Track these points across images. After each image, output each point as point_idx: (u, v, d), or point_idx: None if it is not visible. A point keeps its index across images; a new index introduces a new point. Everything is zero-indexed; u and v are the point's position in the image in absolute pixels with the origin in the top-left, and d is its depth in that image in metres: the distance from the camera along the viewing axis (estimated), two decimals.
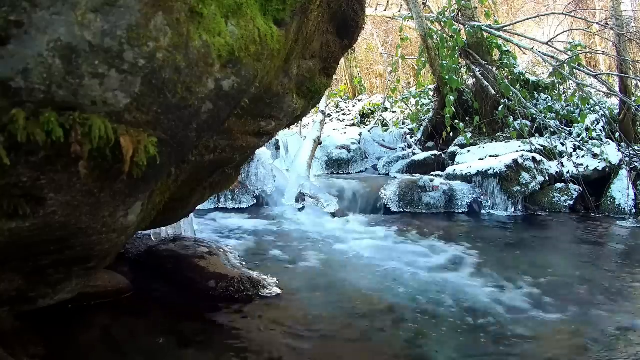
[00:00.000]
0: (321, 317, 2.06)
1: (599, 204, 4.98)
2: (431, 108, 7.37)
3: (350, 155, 6.98)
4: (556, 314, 2.19)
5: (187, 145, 1.08)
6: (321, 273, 2.67)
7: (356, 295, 2.34)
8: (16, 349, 1.48)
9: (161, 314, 2.05)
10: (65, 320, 1.79)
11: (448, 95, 6.00)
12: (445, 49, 6.32)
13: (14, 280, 1.11)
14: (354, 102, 11.43)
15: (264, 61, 1.11)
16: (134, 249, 2.57)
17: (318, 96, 1.83)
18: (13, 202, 0.85)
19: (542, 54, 6.01)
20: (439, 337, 1.91)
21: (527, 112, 5.77)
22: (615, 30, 5.93)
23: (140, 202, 1.14)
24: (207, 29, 0.91)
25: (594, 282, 2.66)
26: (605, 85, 6.19)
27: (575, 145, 5.63)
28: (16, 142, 0.75)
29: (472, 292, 2.42)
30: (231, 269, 2.41)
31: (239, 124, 1.49)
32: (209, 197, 2.12)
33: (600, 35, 8.71)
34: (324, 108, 6.19)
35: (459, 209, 4.77)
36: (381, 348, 1.81)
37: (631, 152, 5.39)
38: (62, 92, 0.77)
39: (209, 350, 1.73)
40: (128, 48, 0.80)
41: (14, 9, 0.71)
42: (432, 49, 6.42)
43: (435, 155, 6.29)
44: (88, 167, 0.86)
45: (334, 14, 1.71)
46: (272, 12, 1.15)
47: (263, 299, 2.19)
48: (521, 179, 4.80)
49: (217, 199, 4.35)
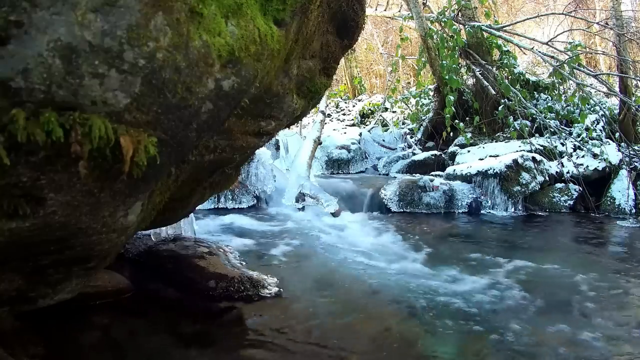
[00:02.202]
0: (321, 317, 2.06)
1: (599, 204, 4.98)
2: (431, 108, 7.37)
3: (350, 155, 6.99)
4: (556, 314, 2.19)
5: (187, 145, 1.09)
6: (321, 273, 2.67)
7: (356, 295, 2.34)
8: (16, 349, 1.48)
9: (161, 314, 2.05)
10: (65, 320, 1.79)
11: (448, 95, 6.00)
12: (445, 49, 6.32)
13: (14, 280, 1.11)
14: (354, 102, 11.43)
15: (264, 61, 1.11)
16: (134, 249, 2.57)
17: (318, 96, 1.83)
18: (13, 202, 0.85)
19: (542, 54, 6.01)
20: (439, 337, 1.91)
21: (527, 112, 5.77)
22: (615, 30, 5.93)
23: (140, 202, 1.14)
24: (207, 29, 0.91)
25: (594, 282, 2.66)
26: (605, 85, 6.19)
27: (575, 145, 5.63)
28: (16, 142, 0.75)
29: (472, 292, 2.42)
30: (231, 269, 2.41)
31: (239, 124, 1.49)
32: (209, 197, 2.12)
33: (600, 35, 8.71)
34: (324, 108, 6.18)
35: (459, 209, 4.78)
36: (382, 348, 1.81)
37: (631, 152, 5.39)
38: (62, 92, 0.77)
39: (209, 350, 1.72)
40: (128, 48, 0.80)
41: (14, 9, 0.71)
42: (432, 49, 6.43)
43: (435, 155, 6.29)
44: (88, 167, 0.86)
45: (334, 14, 1.71)
46: (272, 12, 1.15)
47: (263, 299, 2.19)
48: (521, 179, 4.80)
49: (217, 199, 4.35)
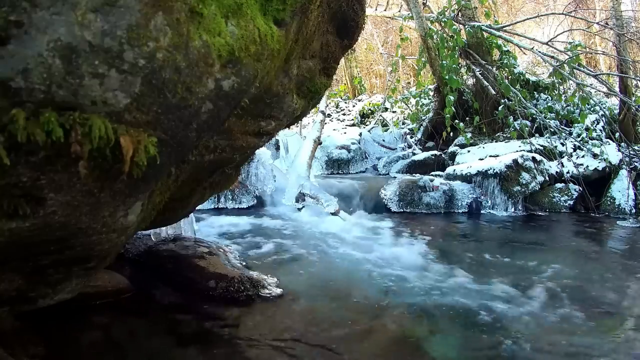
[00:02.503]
0: (321, 316, 2.06)
1: (599, 204, 4.98)
2: (431, 108, 7.37)
3: (350, 155, 6.98)
4: (556, 314, 2.19)
5: (187, 145, 1.09)
6: (321, 273, 2.67)
7: (357, 294, 2.34)
8: (16, 349, 1.48)
9: (161, 314, 2.05)
10: (65, 320, 1.79)
11: (448, 95, 6.00)
12: (445, 49, 6.32)
13: (14, 280, 1.11)
14: (354, 102, 11.44)
15: (264, 61, 1.11)
16: (134, 249, 2.57)
17: (318, 96, 1.83)
18: (13, 202, 0.85)
19: (542, 54, 6.01)
20: (440, 337, 1.91)
21: (527, 112, 5.77)
22: (615, 30, 5.93)
23: (140, 202, 1.14)
24: (207, 29, 0.91)
25: (594, 282, 2.66)
26: (605, 85, 6.19)
27: (575, 145, 5.63)
28: (16, 142, 0.75)
29: (472, 291, 2.42)
30: (231, 269, 2.41)
31: (239, 124, 1.49)
32: (209, 197, 2.12)
33: (600, 35, 8.71)
34: (324, 108, 6.18)
35: (459, 209, 4.78)
36: (382, 348, 1.81)
37: (631, 152, 5.39)
38: (62, 92, 0.77)
39: (209, 350, 1.72)
40: (128, 48, 0.80)
41: (14, 9, 0.71)
42: (432, 49, 6.43)
43: (435, 155, 6.29)
44: (88, 167, 0.86)
45: (334, 14, 1.71)
46: (272, 12, 1.15)
47: (263, 299, 2.19)
48: (521, 179, 4.80)
49: (217, 199, 4.35)
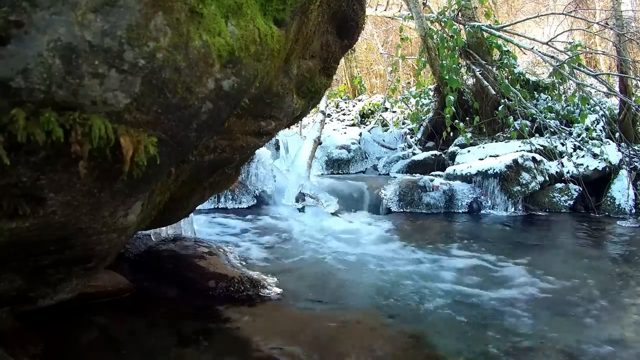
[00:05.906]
0: (321, 316, 2.06)
1: (599, 204, 4.98)
2: (431, 108, 7.37)
3: (350, 155, 6.98)
4: (556, 314, 2.19)
5: (187, 145, 1.09)
6: (321, 273, 2.67)
7: (357, 294, 2.34)
8: (16, 349, 1.48)
9: (161, 314, 2.05)
10: (65, 320, 1.79)
11: (448, 95, 6.00)
12: (445, 49, 6.31)
13: (14, 280, 1.11)
14: (354, 102, 11.43)
15: (264, 61, 1.11)
16: (134, 249, 2.57)
17: (318, 96, 1.84)
18: (13, 202, 0.85)
19: (542, 54, 6.01)
20: (440, 337, 1.91)
21: (527, 112, 5.77)
22: (615, 30, 5.93)
23: (140, 202, 1.14)
24: (207, 29, 0.91)
25: (594, 282, 2.66)
26: (605, 85, 6.19)
27: (575, 145, 5.63)
28: (16, 142, 0.75)
29: (472, 291, 2.42)
30: (231, 269, 2.41)
31: (239, 124, 1.49)
32: (209, 197, 2.12)
33: (600, 35, 8.71)
34: (324, 108, 6.19)
35: (459, 209, 4.78)
36: (383, 347, 1.81)
37: (631, 152, 5.39)
38: (62, 92, 0.77)
39: (209, 350, 1.73)
40: (128, 48, 0.80)
41: (14, 9, 0.71)
42: (432, 49, 6.43)
43: (435, 155, 6.28)
44: (88, 167, 0.86)
45: (334, 14, 1.71)
46: (272, 12, 1.15)
47: (263, 299, 2.19)
48: (521, 179, 4.80)
49: (217, 199, 4.35)
